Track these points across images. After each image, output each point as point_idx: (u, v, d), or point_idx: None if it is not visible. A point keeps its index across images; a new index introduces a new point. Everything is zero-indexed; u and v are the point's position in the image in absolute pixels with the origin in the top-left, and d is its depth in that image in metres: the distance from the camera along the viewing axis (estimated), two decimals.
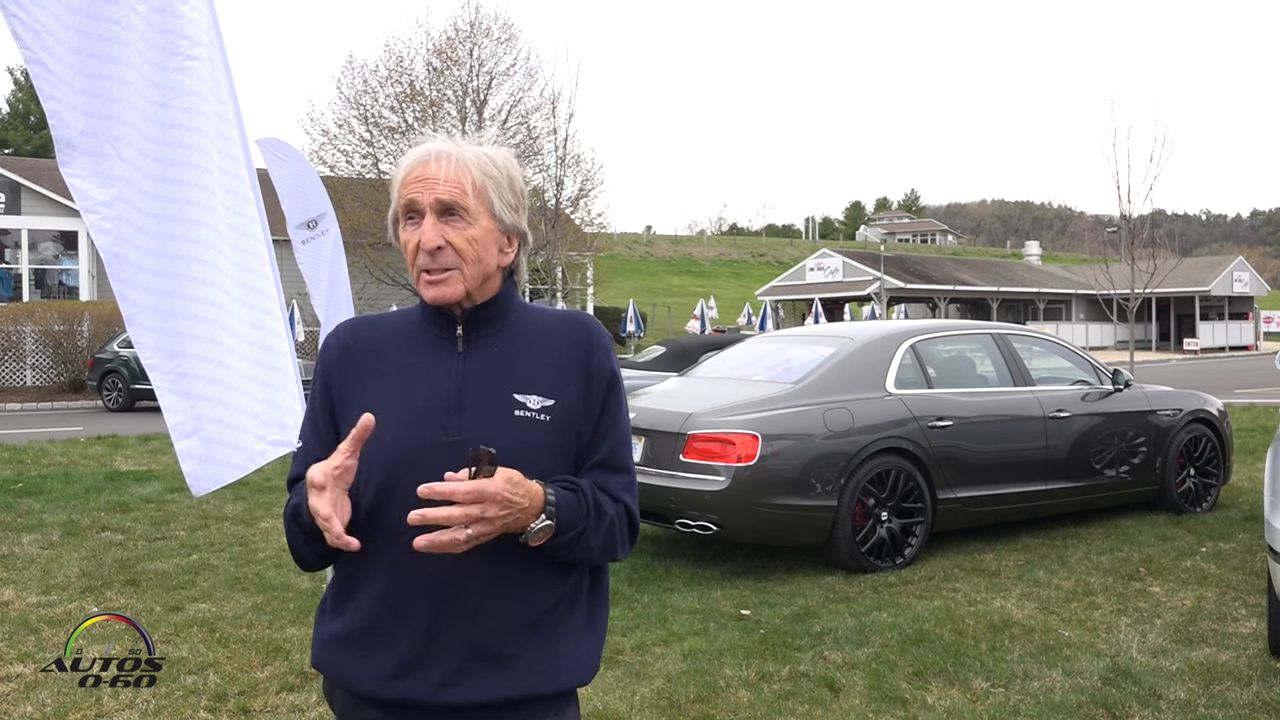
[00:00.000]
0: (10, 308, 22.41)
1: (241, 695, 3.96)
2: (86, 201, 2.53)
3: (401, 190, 1.58)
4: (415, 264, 1.58)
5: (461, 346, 1.61)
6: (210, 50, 2.77)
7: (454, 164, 1.56)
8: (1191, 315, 47.99)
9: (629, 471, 1.66)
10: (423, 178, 1.56)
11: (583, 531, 1.54)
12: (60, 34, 2.43)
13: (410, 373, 1.60)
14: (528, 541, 1.48)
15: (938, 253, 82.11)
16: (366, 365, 1.63)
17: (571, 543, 1.53)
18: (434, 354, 1.61)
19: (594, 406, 1.61)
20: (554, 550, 1.53)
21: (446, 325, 1.62)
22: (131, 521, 7.40)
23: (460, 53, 27.78)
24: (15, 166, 29.47)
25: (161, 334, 2.63)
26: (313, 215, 7.52)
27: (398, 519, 1.45)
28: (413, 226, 1.58)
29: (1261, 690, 3.98)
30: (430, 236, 1.54)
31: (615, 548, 1.62)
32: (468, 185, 1.56)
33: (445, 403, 1.56)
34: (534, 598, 1.56)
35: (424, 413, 1.56)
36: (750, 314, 39.13)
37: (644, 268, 68.36)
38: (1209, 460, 7.60)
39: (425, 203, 1.55)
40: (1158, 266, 22.20)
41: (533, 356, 1.61)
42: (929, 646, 4.50)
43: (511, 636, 1.55)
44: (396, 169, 1.62)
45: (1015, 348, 7.18)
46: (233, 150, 2.81)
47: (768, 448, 5.67)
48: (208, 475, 2.71)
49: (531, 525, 1.47)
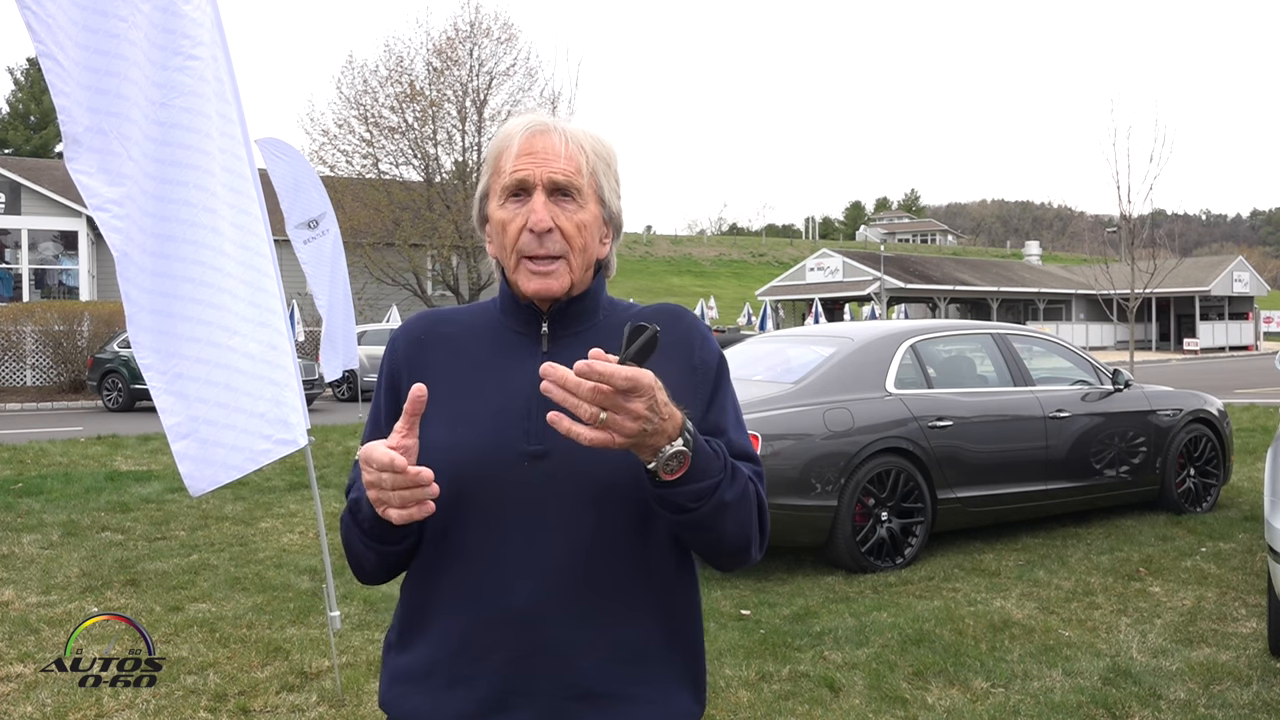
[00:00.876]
0: (10, 308, 22.41)
1: (241, 695, 3.96)
2: (95, 199, 2.53)
3: (507, 164, 1.41)
4: (515, 248, 1.40)
5: (546, 345, 1.44)
6: (213, 50, 2.77)
7: (569, 140, 1.41)
8: (1191, 315, 48.01)
9: (754, 459, 1.45)
10: (533, 151, 1.39)
11: (718, 484, 1.30)
12: (69, 29, 2.43)
13: (486, 372, 1.44)
14: (658, 472, 1.24)
15: (938, 253, 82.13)
16: (438, 363, 1.47)
17: (706, 494, 1.29)
18: (514, 353, 1.45)
19: (700, 401, 1.43)
20: (681, 499, 1.28)
21: (529, 321, 1.46)
22: (131, 521, 7.40)
23: (460, 53, 27.77)
24: (15, 166, 29.49)
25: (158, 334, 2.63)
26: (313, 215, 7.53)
27: (472, 538, 1.34)
28: (515, 205, 1.40)
29: (1261, 690, 3.98)
30: (542, 216, 1.37)
31: (750, 527, 1.40)
32: (582, 164, 1.41)
33: (525, 407, 1.38)
34: (633, 630, 1.39)
35: (500, 418, 1.39)
36: (750, 314, 39.17)
37: (644, 268, 68.36)
38: (1209, 460, 7.60)
39: (537, 179, 1.39)
40: (1158, 266, 22.20)
41: None
42: (929, 646, 4.50)
43: (612, 674, 1.37)
44: (498, 141, 1.45)
45: (1015, 348, 7.18)
46: (236, 149, 2.81)
47: (768, 448, 5.67)
48: (204, 476, 2.71)
49: (665, 448, 1.23)
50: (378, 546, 1.39)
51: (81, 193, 2.52)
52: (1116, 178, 26.52)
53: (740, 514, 1.36)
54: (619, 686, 1.37)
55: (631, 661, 1.39)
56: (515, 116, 1.48)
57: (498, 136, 1.46)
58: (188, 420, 2.65)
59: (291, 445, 2.77)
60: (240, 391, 2.69)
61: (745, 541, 1.39)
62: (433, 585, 1.40)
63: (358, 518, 1.38)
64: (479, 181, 1.49)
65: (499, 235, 1.43)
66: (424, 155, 27.80)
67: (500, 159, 1.43)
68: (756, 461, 1.46)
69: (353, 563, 1.46)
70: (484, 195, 1.46)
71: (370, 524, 1.35)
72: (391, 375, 1.51)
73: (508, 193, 1.41)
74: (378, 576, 1.46)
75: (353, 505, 1.40)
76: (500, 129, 1.47)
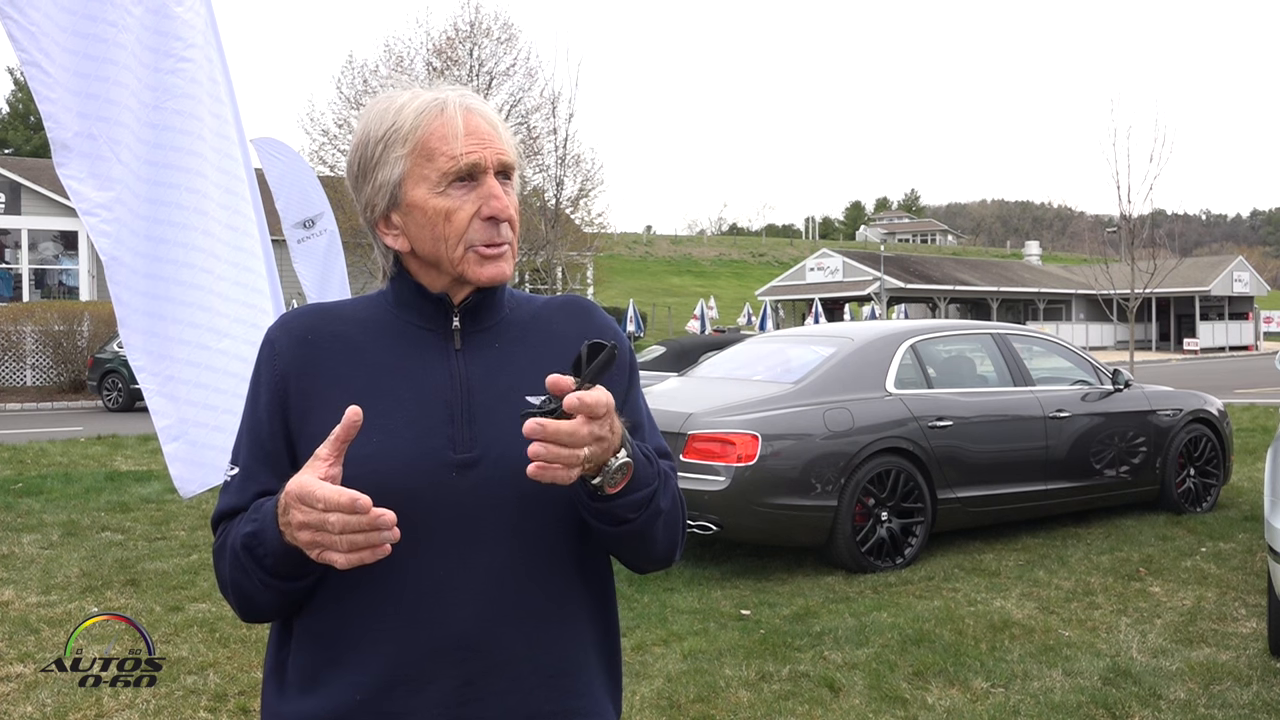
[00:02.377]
0: (10, 308, 22.40)
1: (241, 695, 3.96)
2: (85, 203, 2.53)
3: (452, 145, 1.26)
4: (463, 237, 1.27)
5: (459, 343, 1.32)
6: (207, 51, 2.76)
7: (494, 119, 1.30)
8: (1191, 315, 47.99)
9: (667, 455, 1.38)
10: (476, 130, 1.27)
11: (654, 492, 1.26)
12: (56, 35, 2.43)
13: (394, 375, 1.29)
14: (604, 486, 1.19)
15: (938, 253, 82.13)
16: (334, 366, 1.30)
17: (643, 504, 1.24)
18: (423, 352, 1.31)
19: (617, 396, 1.30)
20: (622, 510, 1.23)
21: (434, 316, 1.32)
22: (131, 521, 7.40)
23: (460, 53, 27.79)
24: (15, 166, 29.49)
25: (150, 336, 2.63)
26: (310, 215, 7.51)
27: (398, 559, 1.17)
28: (461, 191, 1.27)
29: (1261, 690, 3.98)
30: (505, 204, 1.27)
31: (678, 528, 1.35)
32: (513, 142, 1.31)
33: (446, 412, 1.27)
34: (575, 644, 1.32)
35: (420, 424, 1.26)
36: (750, 314, 39.14)
37: (644, 268, 68.37)
38: (1209, 460, 7.59)
39: (488, 162, 1.27)
40: (1158, 266, 22.21)
41: (540, 353, 1.34)
42: (929, 646, 4.50)
43: (556, 693, 1.29)
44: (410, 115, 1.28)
45: (1015, 348, 7.18)
46: (231, 150, 2.81)
47: (768, 448, 5.67)
48: (194, 478, 2.71)
49: (612, 460, 1.18)
50: (280, 585, 1.23)
51: (71, 197, 2.52)
52: (1116, 178, 26.56)
53: (671, 519, 1.32)
54: (562, 704, 1.29)
55: (573, 675, 1.31)
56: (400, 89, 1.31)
57: (406, 111, 1.27)
58: (178, 422, 2.66)
59: None
60: (230, 394, 2.69)
61: (673, 545, 1.35)
62: (350, 612, 1.24)
63: (256, 554, 1.21)
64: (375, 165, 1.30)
65: (437, 224, 1.27)
66: None
67: (430, 139, 1.26)
68: (670, 457, 1.39)
69: (237, 600, 1.27)
70: (399, 181, 1.28)
71: (276, 561, 1.20)
72: (275, 380, 1.30)
73: (452, 178, 1.26)
74: (272, 615, 1.29)
75: (248, 540, 1.22)
76: (396, 100, 1.29)
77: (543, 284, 28.66)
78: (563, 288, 30.30)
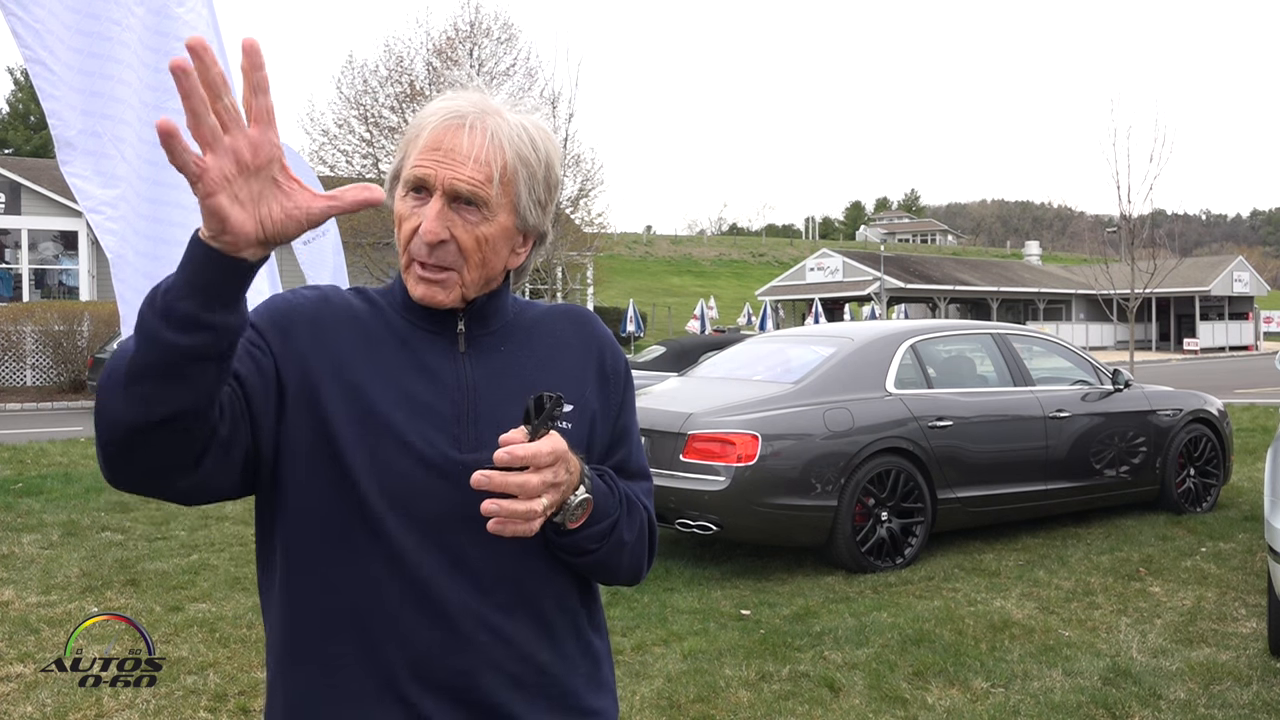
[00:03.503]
0: (10, 308, 22.40)
1: (241, 695, 3.96)
2: (89, 201, 2.54)
3: (415, 154, 1.26)
4: (407, 248, 1.28)
5: (464, 346, 1.33)
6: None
7: (487, 140, 1.25)
8: (1191, 315, 47.98)
9: (647, 476, 1.44)
10: (441, 148, 1.24)
11: (616, 521, 1.30)
12: (60, 33, 2.44)
13: (403, 372, 1.29)
14: (564, 522, 1.24)
15: (938, 253, 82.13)
16: (347, 353, 1.28)
17: (605, 535, 1.29)
18: (429, 353, 1.32)
19: (611, 409, 1.41)
20: (585, 543, 1.27)
21: (440, 319, 1.33)
22: (131, 521, 7.39)
23: (460, 53, 27.78)
24: (15, 166, 29.47)
25: None
26: None
27: (403, 553, 1.23)
28: (415, 202, 1.26)
29: (1261, 690, 3.98)
30: (432, 227, 1.23)
31: (644, 555, 1.39)
32: (495, 170, 1.25)
33: (455, 411, 1.28)
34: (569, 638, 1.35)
35: (430, 422, 1.27)
36: (750, 314, 39.16)
37: (644, 268, 68.37)
38: (1209, 460, 7.59)
39: (438, 182, 1.24)
40: (1158, 266, 22.20)
41: (543, 358, 1.37)
42: (929, 646, 4.50)
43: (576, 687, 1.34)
44: (416, 121, 1.30)
45: (1015, 348, 7.18)
46: None
47: (768, 448, 5.67)
48: None
49: (570, 498, 1.22)
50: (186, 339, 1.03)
51: (76, 195, 2.52)
52: (1116, 178, 26.51)
53: (637, 548, 1.36)
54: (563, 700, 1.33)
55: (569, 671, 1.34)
56: (443, 95, 1.32)
57: (420, 114, 1.30)
58: None
59: None
60: None
61: (638, 570, 1.39)
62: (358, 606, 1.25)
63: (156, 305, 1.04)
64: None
65: (396, 227, 1.30)
66: None
67: (412, 144, 1.28)
68: (648, 477, 1.45)
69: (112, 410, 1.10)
70: (393, 178, 1.31)
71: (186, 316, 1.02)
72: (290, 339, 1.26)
73: (409, 186, 1.27)
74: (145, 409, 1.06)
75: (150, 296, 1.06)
76: (430, 104, 1.31)
77: (543, 284, 28.67)
78: (563, 288, 30.32)
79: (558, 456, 1.15)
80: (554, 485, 1.16)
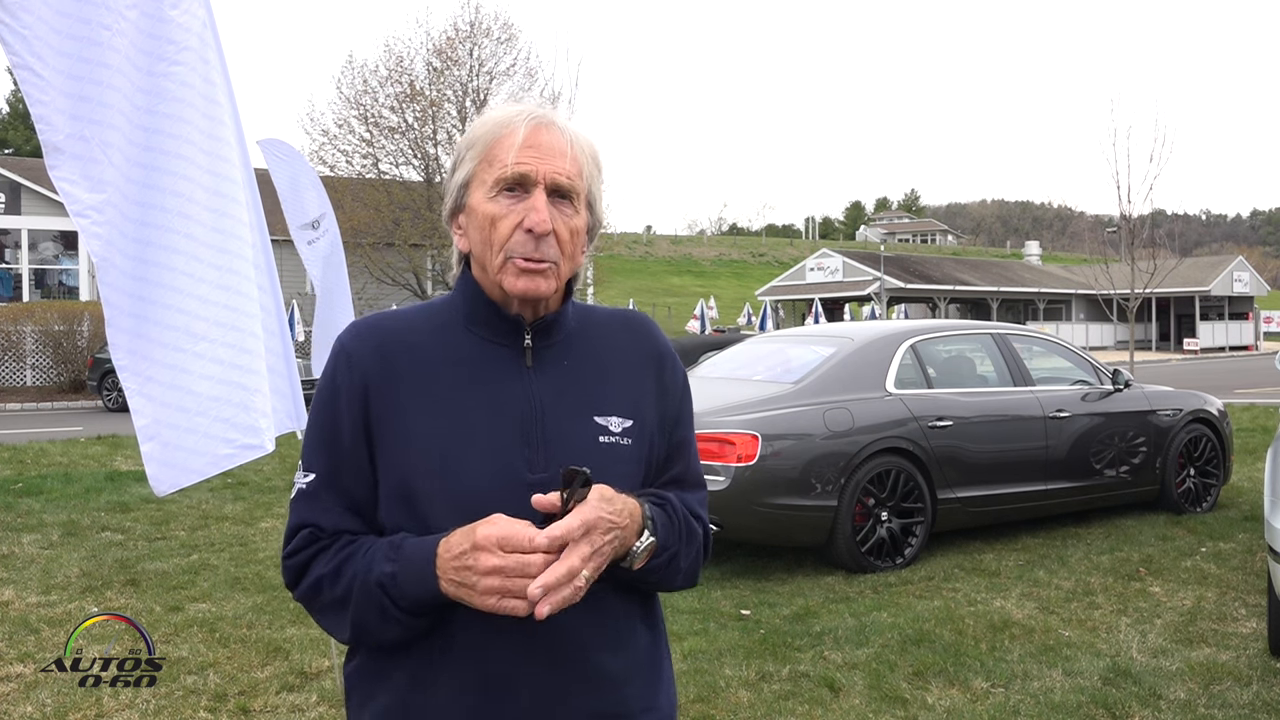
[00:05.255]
0: (10, 308, 22.41)
1: (241, 695, 3.96)
2: (76, 205, 2.55)
3: (507, 154, 1.30)
4: (504, 246, 1.29)
5: (530, 360, 1.35)
6: (202, 53, 2.77)
7: (571, 141, 1.32)
8: (1191, 315, 47.99)
9: (703, 486, 1.48)
10: (537, 144, 1.30)
11: (676, 553, 1.35)
12: (49, 39, 2.44)
13: (469, 391, 1.32)
14: (631, 565, 1.28)
15: (938, 253, 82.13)
16: (413, 379, 1.32)
17: (666, 564, 1.33)
18: (497, 369, 1.33)
19: (668, 420, 1.43)
20: (647, 575, 1.32)
21: (506, 332, 1.35)
22: (131, 521, 7.40)
23: (460, 53, 27.76)
24: (15, 166, 29.48)
25: (134, 337, 2.66)
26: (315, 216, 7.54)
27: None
28: (511, 200, 1.30)
29: (1261, 690, 3.98)
30: (544, 218, 1.27)
31: (697, 571, 1.43)
32: (584, 166, 1.33)
33: (525, 432, 1.30)
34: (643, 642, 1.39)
35: (501, 444, 1.29)
36: (750, 314, 39.15)
37: (644, 268, 68.37)
38: (1209, 460, 7.59)
39: (540, 175, 1.29)
40: (1158, 266, 22.19)
41: (604, 371, 1.39)
42: (929, 646, 4.50)
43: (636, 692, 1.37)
44: (490, 126, 1.33)
45: (1015, 348, 7.18)
46: (223, 152, 2.81)
47: (768, 448, 5.67)
48: (165, 478, 2.74)
49: (635, 545, 1.27)
50: (413, 623, 1.26)
51: (63, 199, 2.53)
52: (1116, 178, 26.50)
53: (693, 561, 1.41)
54: (640, 703, 1.37)
55: (636, 681, 1.37)
56: (506, 103, 1.39)
57: (490, 121, 1.33)
58: (154, 423, 2.69)
59: (257, 450, 2.81)
60: (203, 397, 2.71)
61: (693, 577, 1.44)
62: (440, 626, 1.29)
63: (393, 594, 1.24)
64: (456, 166, 1.37)
65: (485, 229, 1.31)
66: (424, 155, 27.78)
67: (496, 147, 1.31)
68: (704, 486, 1.49)
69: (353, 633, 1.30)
70: (466, 183, 1.34)
71: (413, 603, 1.24)
72: (355, 387, 1.32)
73: (502, 185, 1.30)
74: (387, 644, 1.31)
75: (386, 580, 1.24)
76: (492, 112, 1.36)
77: None
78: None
79: (589, 527, 1.19)
80: (597, 553, 1.20)
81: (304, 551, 1.33)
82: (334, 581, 1.29)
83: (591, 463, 1.25)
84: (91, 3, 2.51)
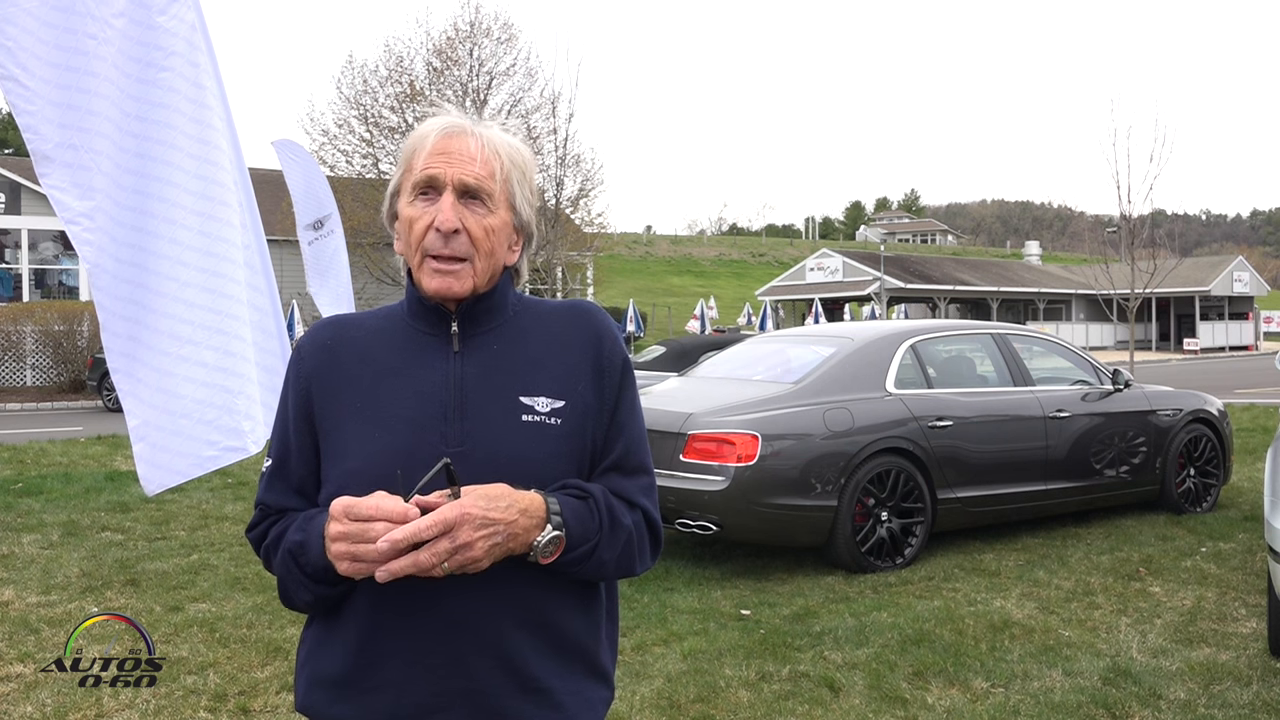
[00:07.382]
0: (10, 308, 22.41)
1: (241, 695, 3.96)
2: (67, 213, 2.57)
3: (419, 161, 1.41)
4: (420, 246, 1.40)
5: (457, 345, 1.44)
6: (191, 56, 2.77)
7: (484, 144, 1.42)
8: (1191, 315, 47.97)
9: (647, 472, 1.50)
10: (448, 151, 1.40)
11: (595, 545, 1.38)
12: (35, 49, 2.46)
13: (397, 376, 1.43)
14: (536, 559, 1.33)
15: (938, 253, 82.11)
16: (348, 370, 1.45)
17: (584, 558, 1.38)
18: (425, 355, 1.44)
19: (607, 403, 1.46)
20: (565, 568, 1.37)
21: (438, 321, 1.46)
22: (131, 521, 7.39)
23: (460, 53, 27.78)
24: (15, 166, 29.47)
25: (126, 340, 2.70)
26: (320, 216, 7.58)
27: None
28: (424, 203, 1.41)
29: (1261, 690, 3.98)
30: (448, 216, 1.37)
31: (633, 561, 1.45)
32: (496, 169, 1.42)
33: (443, 409, 1.39)
34: (565, 619, 1.43)
35: (416, 421, 1.39)
36: (750, 314, 39.12)
37: (644, 268, 68.36)
38: (1209, 460, 7.59)
39: (447, 179, 1.39)
40: (1158, 266, 22.16)
41: (536, 353, 1.46)
42: (929, 646, 4.50)
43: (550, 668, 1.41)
44: (413, 139, 1.45)
45: (1015, 348, 7.18)
46: (213, 155, 2.81)
47: (768, 448, 5.67)
48: (153, 479, 2.79)
49: (536, 540, 1.32)
50: (318, 589, 1.39)
51: (54, 206, 2.55)
52: (1116, 178, 26.43)
53: (623, 553, 1.43)
54: (557, 680, 1.41)
55: (563, 651, 1.42)
56: (433, 117, 1.47)
57: (413, 134, 1.46)
58: (143, 424, 2.73)
59: (241, 452, 2.84)
60: (188, 399, 2.73)
61: (629, 568, 1.46)
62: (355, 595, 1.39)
63: (300, 561, 1.38)
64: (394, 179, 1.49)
65: (405, 232, 1.43)
66: None
67: (413, 156, 1.43)
68: (649, 472, 1.50)
69: (281, 592, 1.47)
70: (395, 192, 1.46)
71: (315, 569, 1.36)
72: (303, 381, 1.47)
73: (417, 190, 1.41)
74: (307, 611, 1.48)
75: (294, 548, 1.39)
76: (417, 127, 1.47)
77: (543, 284, 28.65)
78: (563, 288, 30.32)
79: (448, 525, 1.25)
80: (459, 549, 1.26)
81: (258, 527, 1.49)
82: (273, 552, 1.45)
83: (514, 441, 1.38)
84: (77, 13, 2.53)
